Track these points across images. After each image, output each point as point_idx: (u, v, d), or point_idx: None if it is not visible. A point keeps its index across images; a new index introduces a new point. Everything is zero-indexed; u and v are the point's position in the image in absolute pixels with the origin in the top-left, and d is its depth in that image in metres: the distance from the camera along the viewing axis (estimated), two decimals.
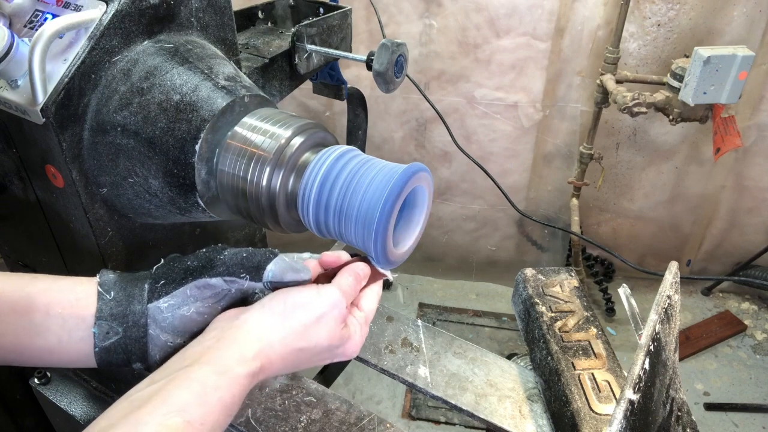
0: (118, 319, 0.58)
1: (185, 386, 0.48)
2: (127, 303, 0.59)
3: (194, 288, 0.60)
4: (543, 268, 1.06)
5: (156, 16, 0.71)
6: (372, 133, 2.45)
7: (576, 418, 0.79)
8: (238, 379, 0.51)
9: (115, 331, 0.58)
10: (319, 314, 0.58)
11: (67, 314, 0.57)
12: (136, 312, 0.59)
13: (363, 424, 0.85)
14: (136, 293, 0.60)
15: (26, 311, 0.56)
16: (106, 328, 0.58)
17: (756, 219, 2.40)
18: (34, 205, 0.79)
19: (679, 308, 0.79)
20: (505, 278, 2.74)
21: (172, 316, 0.59)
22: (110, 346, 0.58)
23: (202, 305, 0.60)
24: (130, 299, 0.59)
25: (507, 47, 2.14)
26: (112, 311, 0.58)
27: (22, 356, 0.57)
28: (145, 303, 0.59)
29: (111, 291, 0.59)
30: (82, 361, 0.59)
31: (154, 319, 0.59)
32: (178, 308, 0.60)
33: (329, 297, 0.59)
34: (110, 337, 0.58)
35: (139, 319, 0.58)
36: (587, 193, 2.43)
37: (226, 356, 0.52)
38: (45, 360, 0.58)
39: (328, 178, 0.62)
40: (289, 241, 2.63)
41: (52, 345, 0.57)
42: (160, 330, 0.59)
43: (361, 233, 0.61)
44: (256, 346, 0.54)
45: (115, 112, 0.68)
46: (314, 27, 1.06)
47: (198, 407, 0.47)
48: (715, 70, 1.69)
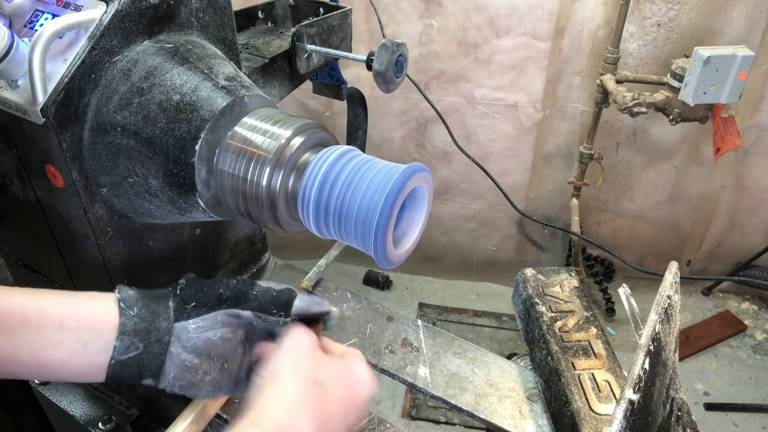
0: (141, 335, 0.59)
1: None
2: (151, 320, 0.60)
3: (225, 315, 0.62)
4: (543, 268, 1.06)
5: (156, 16, 0.71)
6: (372, 133, 2.45)
7: (576, 418, 0.79)
8: None
9: (135, 346, 0.58)
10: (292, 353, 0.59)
11: (83, 328, 0.57)
12: (161, 329, 0.60)
13: (363, 424, 0.85)
14: (161, 311, 0.61)
15: (39, 324, 0.56)
16: (127, 343, 0.58)
17: (756, 219, 2.40)
18: (34, 205, 0.79)
19: (679, 308, 0.79)
20: (505, 278, 2.74)
21: (198, 337, 0.61)
22: (126, 360, 0.58)
23: (227, 332, 0.62)
24: (155, 316, 0.60)
25: (507, 47, 2.14)
26: (136, 327, 0.59)
27: (34, 369, 0.57)
28: (171, 321, 0.60)
29: (134, 307, 0.60)
30: (92, 374, 0.59)
31: (179, 337, 0.60)
32: (205, 331, 0.61)
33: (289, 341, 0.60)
34: (129, 352, 0.58)
35: (163, 336, 0.59)
36: (587, 193, 2.43)
37: None
38: (55, 373, 0.58)
39: (328, 178, 0.62)
40: (289, 241, 2.63)
41: (65, 358, 0.57)
42: (182, 349, 0.60)
43: (361, 233, 0.61)
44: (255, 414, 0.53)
45: (115, 112, 0.68)
46: (314, 27, 1.06)
47: None
48: (715, 70, 1.69)
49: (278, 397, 0.54)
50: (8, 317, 0.55)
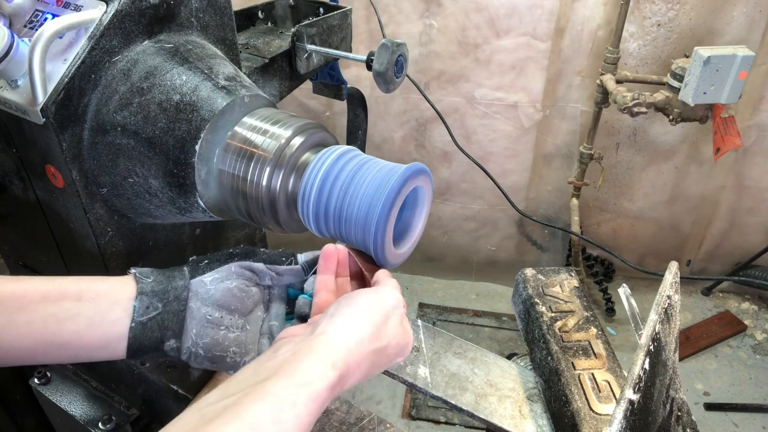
0: (159, 295, 0.60)
1: (260, 401, 0.44)
2: (167, 281, 0.62)
3: (239, 267, 0.65)
4: (543, 268, 1.06)
5: (156, 16, 0.71)
6: (372, 133, 2.45)
7: (576, 418, 0.79)
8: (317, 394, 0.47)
9: (154, 306, 0.59)
10: (386, 313, 0.57)
11: (101, 299, 0.58)
12: (178, 287, 0.61)
13: (363, 424, 0.85)
14: (176, 274, 0.63)
15: (57, 298, 0.57)
16: (146, 303, 0.59)
17: (756, 219, 2.40)
18: (34, 205, 0.79)
19: (679, 308, 0.79)
20: (505, 278, 2.74)
21: (215, 288, 0.62)
22: (147, 322, 0.59)
23: (244, 283, 0.64)
24: (171, 278, 0.62)
25: (507, 47, 2.14)
26: (153, 288, 0.60)
27: (50, 346, 0.57)
28: (187, 278, 0.62)
29: (150, 276, 0.62)
30: (110, 346, 0.58)
31: (196, 292, 0.62)
32: (221, 281, 0.63)
33: (391, 296, 0.59)
34: (149, 312, 0.59)
35: (181, 293, 0.61)
36: (587, 193, 2.43)
37: (304, 368, 0.48)
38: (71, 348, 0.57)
39: (328, 178, 0.62)
40: (289, 241, 2.64)
41: (82, 328, 0.57)
42: (201, 303, 0.62)
43: (361, 233, 0.61)
44: (335, 354, 0.50)
45: (115, 112, 0.68)
46: (314, 27, 1.06)
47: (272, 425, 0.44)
48: (715, 70, 1.69)
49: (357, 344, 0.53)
50: (28, 295, 0.56)
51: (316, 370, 0.48)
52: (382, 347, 0.55)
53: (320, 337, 0.52)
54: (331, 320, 0.54)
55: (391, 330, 0.57)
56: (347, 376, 0.51)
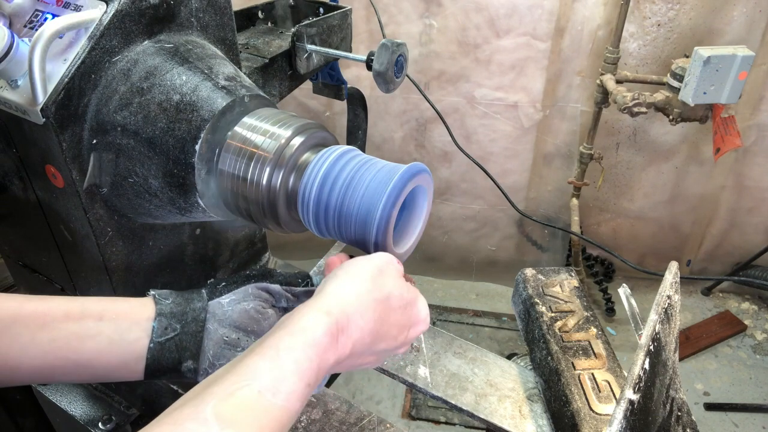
0: (177, 317, 0.61)
1: (258, 354, 0.46)
2: (186, 303, 0.62)
3: (255, 288, 0.66)
4: (543, 268, 1.06)
5: (156, 16, 0.71)
6: (372, 133, 2.45)
7: (576, 418, 0.79)
8: (314, 339, 0.48)
9: (173, 327, 0.60)
10: (378, 266, 0.58)
11: (121, 319, 0.59)
12: (196, 308, 0.62)
13: (363, 424, 0.85)
14: (194, 296, 0.64)
15: (79, 317, 0.58)
16: (165, 324, 0.60)
17: (756, 219, 2.40)
18: (34, 205, 0.79)
19: (679, 308, 0.79)
20: (505, 278, 2.74)
21: (232, 310, 0.63)
22: (165, 343, 0.59)
23: (260, 305, 0.65)
24: (189, 300, 0.63)
25: (507, 47, 2.14)
26: (172, 310, 0.61)
27: (71, 364, 0.57)
28: (205, 300, 0.63)
29: (169, 297, 0.63)
30: (129, 365, 0.59)
31: (214, 314, 0.63)
32: (238, 303, 0.64)
33: (382, 257, 0.60)
34: (168, 333, 0.60)
35: (199, 314, 0.62)
36: (587, 193, 2.43)
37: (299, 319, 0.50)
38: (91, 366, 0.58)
39: (328, 178, 0.62)
40: (289, 241, 2.64)
41: (102, 347, 0.57)
42: (218, 324, 0.62)
43: (362, 233, 0.61)
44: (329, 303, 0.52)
45: (115, 112, 0.68)
46: (314, 27, 1.06)
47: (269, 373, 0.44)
48: (715, 70, 1.69)
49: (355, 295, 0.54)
50: (51, 313, 0.57)
51: (310, 317, 0.50)
52: (384, 297, 0.56)
53: (315, 296, 0.54)
54: (325, 284, 0.56)
55: (390, 281, 0.58)
56: (348, 323, 0.52)
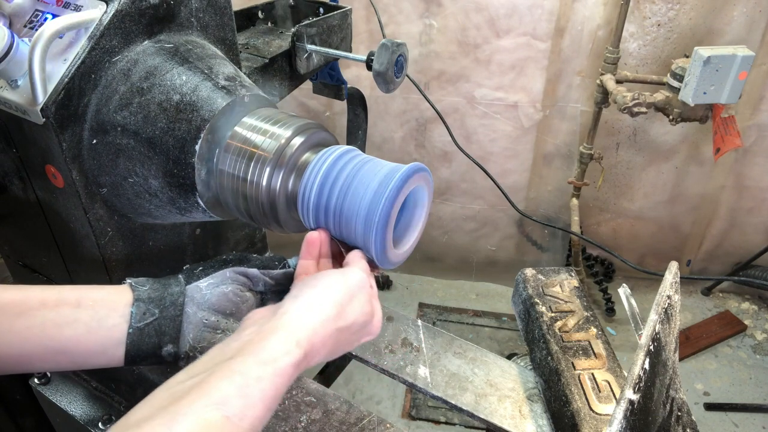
0: (155, 302, 0.61)
1: (226, 378, 0.46)
2: (163, 289, 0.63)
3: (233, 272, 0.66)
4: (543, 268, 1.06)
5: (156, 16, 0.71)
6: (372, 133, 2.45)
7: (576, 418, 0.79)
8: (282, 370, 0.49)
9: (151, 312, 0.61)
10: (350, 292, 0.58)
11: (99, 305, 0.59)
12: (174, 293, 0.63)
13: (363, 424, 0.85)
14: (171, 281, 0.64)
15: (56, 305, 0.58)
16: (143, 309, 0.60)
17: (756, 219, 2.40)
18: (34, 205, 0.79)
19: (679, 308, 0.79)
20: (505, 278, 2.74)
21: (211, 293, 0.64)
22: (144, 328, 0.60)
23: (238, 288, 0.66)
24: (167, 285, 0.64)
25: (507, 47, 2.14)
26: (150, 296, 0.62)
27: (49, 352, 0.57)
28: (182, 285, 0.64)
29: (146, 284, 0.63)
30: (108, 352, 0.59)
31: (192, 297, 0.63)
32: (217, 286, 0.65)
33: (357, 276, 0.60)
34: (146, 318, 0.60)
35: (177, 298, 0.62)
36: (587, 193, 2.43)
37: (269, 347, 0.50)
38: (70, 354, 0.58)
39: (328, 178, 0.62)
40: (289, 241, 2.63)
41: (80, 334, 0.57)
42: (197, 307, 0.63)
43: (362, 233, 0.61)
44: (299, 334, 0.52)
45: (115, 112, 0.68)
46: (314, 27, 1.06)
47: (238, 400, 0.45)
48: (715, 70, 1.69)
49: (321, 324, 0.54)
50: (27, 301, 0.57)
51: (281, 348, 0.50)
52: (347, 325, 0.57)
53: (284, 317, 0.53)
54: (295, 300, 0.56)
55: (357, 309, 0.58)
56: (312, 353, 0.53)
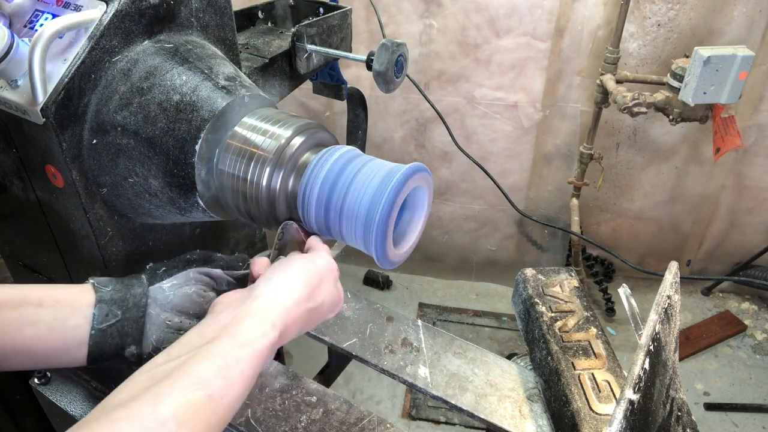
0: (118, 303, 0.61)
1: (207, 360, 0.49)
2: (126, 289, 0.63)
3: (197, 273, 0.66)
4: (543, 268, 1.06)
5: (156, 16, 0.71)
6: (372, 133, 2.45)
7: (576, 418, 0.79)
8: (260, 351, 0.52)
9: (114, 314, 0.61)
10: (320, 275, 0.61)
11: (61, 305, 0.59)
12: (137, 294, 0.63)
13: (363, 424, 0.85)
14: (134, 282, 0.64)
15: (18, 305, 0.58)
16: (105, 310, 0.60)
17: (756, 219, 2.40)
18: (34, 205, 0.79)
19: (679, 308, 0.79)
20: (505, 278, 2.74)
21: (174, 294, 0.64)
22: (107, 329, 0.60)
23: (202, 289, 0.66)
24: (129, 286, 0.63)
25: (507, 47, 2.14)
26: (113, 296, 0.61)
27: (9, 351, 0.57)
28: (145, 286, 0.64)
29: (108, 285, 0.63)
30: (71, 352, 0.59)
31: (155, 299, 0.63)
32: (180, 287, 0.65)
33: (324, 260, 0.63)
34: (109, 320, 0.60)
35: (140, 300, 0.62)
36: (587, 193, 2.43)
37: (246, 329, 0.53)
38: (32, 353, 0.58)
39: (328, 179, 0.62)
40: None
41: (42, 334, 0.58)
42: (160, 309, 0.63)
43: (362, 233, 0.61)
44: (273, 316, 0.55)
45: (115, 112, 0.68)
46: (314, 27, 1.06)
47: (219, 380, 0.48)
48: (715, 70, 1.69)
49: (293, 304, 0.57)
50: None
51: (257, 330, 0.53)
52: (317, 306, 0.60)
53: (258, 299, 0.56)
54: (268, 283, 0.58)
55: (325, 291, 0.61)
56: (286, 333, 0.56)
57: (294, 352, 2.24)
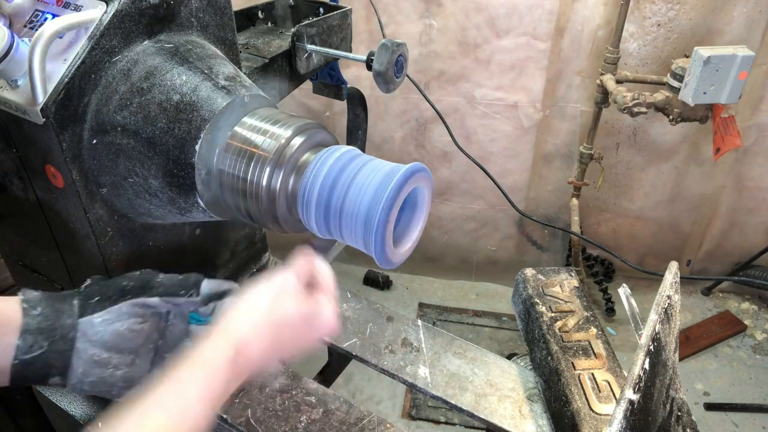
0: (45, 333, 0.59)
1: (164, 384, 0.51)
2: (55, 317, 0.60)
3: (131, 306, 0.63)
4: (543, 268, 1.06)
5: (156, 16, 0.71)
6: (372, 133, 2.45)
7: (576, 418, 0.79)
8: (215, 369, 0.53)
9: (39, 345, 0.58)
10: (276, 290, 0.61)
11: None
12: (66, 326, 0.60)
13: (363, 424, 0.85)
14: (65, 309, 0.61)
15: None
16: (30, 342, 0.58)
17: (756, 219, 2.40)
18: (34, 205, 0.79)
19: (679, 308, 0.79)
20: (505, 278, 2.74)
21: (104, 330, 0.61)
22: (31, 360, 0.58)
23: (135, 322, 0.63)
24: (59, 314, 0.60)
25: (507, 47, 2.14)
26: (40, 325, 0.59)
27: None
28: (76, 317, 0.61)
29: (37, 307, 0.60)
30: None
31: (84, 333, 0.61)
32: (111, 323, 0.62)
33: (279, 276, 0.62)
34: (33, 351, 0.58)
35: (68, 332, 0.60)
36: (587, 193, 2.43)
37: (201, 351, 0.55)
38: None
39: (328, 179, 0.62)
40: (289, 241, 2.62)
41: None
42: (89, 344, 0.61)
43: (361, 233, 0.61)
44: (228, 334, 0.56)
45: (115, 112, 0.68)
46: (314, 27, 1.06)
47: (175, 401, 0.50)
48: (715, 70, 1.69)
49: (251, 323, 0.58)
50: None
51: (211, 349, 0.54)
52: (282, 320, 0.60)
53: (216, 327, 0.57)
54: (226, 313, 0.59)
55: (286, 303, 0.60)
56: (246, 349, 0.56)
57: None
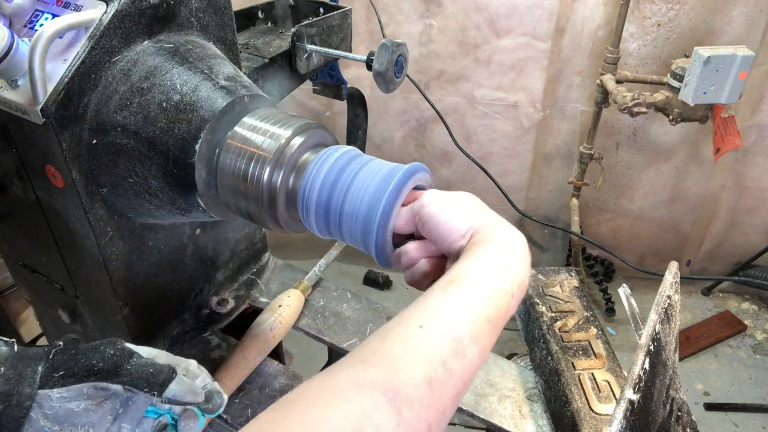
0: (2, 397, 0.59)
1: None
2: (16, 382, 0.60)
3: (92, 388, 0.62)
4: (543, 268, 1.06)
5: (156, 16, 0.71)
6: (372, 133, 2.45)
7: (576, 418, 0.79)
8: None
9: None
10: None
11: None
12: (24, 394, 0.60)
13: None
14: (27, 375, 0.61)
15: None
16: None
17: (756, 219, 2.40)
18: (34, 205, 0.79)
19: (679, 308, 0.79)
20: None
21: (60, 407, 0.61)
22: None
23: (92, 403, 0.62)
24: (21, 380, 0.60)
25: (507, 47, 2.14)
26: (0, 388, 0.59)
27: None
28: (35, 387, 0.60)
29: (1, 367, 0.60)
30: None
31: (40, 404, 0.60)
32: (68, 402, 0.61)
33: None
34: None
35: (25, 401, 0.59)
36: (587, 193, 2.43)
37: None
38: None
39: (328, 178, 0.62)
40: (289, 242, 2.63)
41: None
42: (41, 416, 0.60)
43: (362, 233, 0.61)
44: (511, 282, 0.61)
45: (115, 112, 0.68)
46: (314, 27, 1.06)
47: None
48: (715, 70, 1.69)
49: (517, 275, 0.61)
50: None
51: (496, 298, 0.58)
52: None
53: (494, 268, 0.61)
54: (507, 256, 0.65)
55: None
56: None
57: (294, 352, 2.24)
